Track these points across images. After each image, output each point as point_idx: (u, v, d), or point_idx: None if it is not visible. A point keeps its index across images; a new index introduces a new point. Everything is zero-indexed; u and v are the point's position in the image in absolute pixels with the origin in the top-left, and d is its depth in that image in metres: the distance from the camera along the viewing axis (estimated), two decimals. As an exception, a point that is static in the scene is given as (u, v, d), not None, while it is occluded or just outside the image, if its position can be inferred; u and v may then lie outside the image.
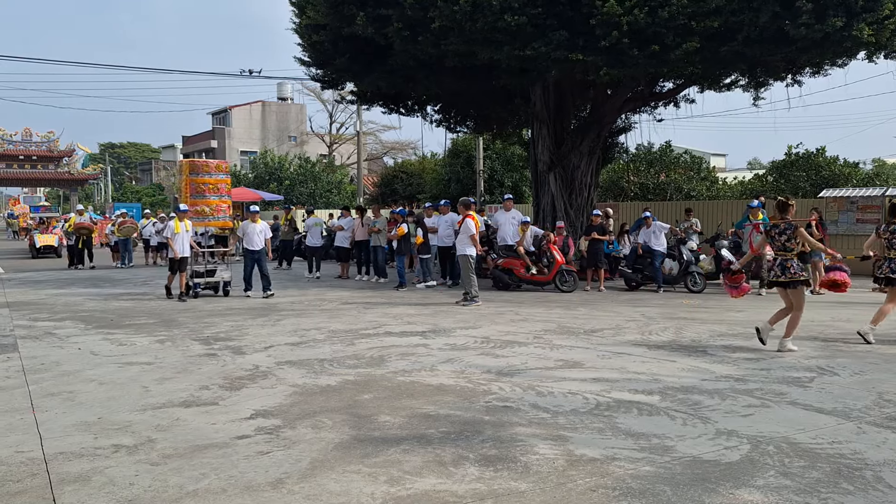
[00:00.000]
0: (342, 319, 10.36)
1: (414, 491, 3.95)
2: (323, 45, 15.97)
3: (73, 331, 9.54)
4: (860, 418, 5.25)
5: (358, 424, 5.19)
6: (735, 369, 6.91)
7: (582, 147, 17.00)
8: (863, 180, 23.20)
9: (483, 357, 7.61)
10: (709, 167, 28.50)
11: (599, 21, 12.34)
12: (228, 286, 13.68)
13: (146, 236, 23.06)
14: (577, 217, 16.83)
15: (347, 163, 50.81)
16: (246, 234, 13.41)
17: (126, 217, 23.07)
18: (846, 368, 6.91)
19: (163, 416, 5.46)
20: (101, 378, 6.74)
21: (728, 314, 10.70)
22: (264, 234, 13.51)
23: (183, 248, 12.90)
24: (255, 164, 43.64)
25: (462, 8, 12.59)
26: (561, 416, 5.33)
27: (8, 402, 5.93)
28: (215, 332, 9.38)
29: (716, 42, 12.64)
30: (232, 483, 4.09)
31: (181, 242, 12.86)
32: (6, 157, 49.88)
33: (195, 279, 13.39)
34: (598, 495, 3.87)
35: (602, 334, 9.01)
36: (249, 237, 13.37)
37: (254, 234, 13.36)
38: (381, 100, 19.49)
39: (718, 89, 17.78)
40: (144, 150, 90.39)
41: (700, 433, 4.92)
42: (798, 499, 3.80)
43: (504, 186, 29.33)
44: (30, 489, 4.06)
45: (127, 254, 21.59)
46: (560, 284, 13.89)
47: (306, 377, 6.70)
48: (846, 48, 13.05)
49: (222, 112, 59.63)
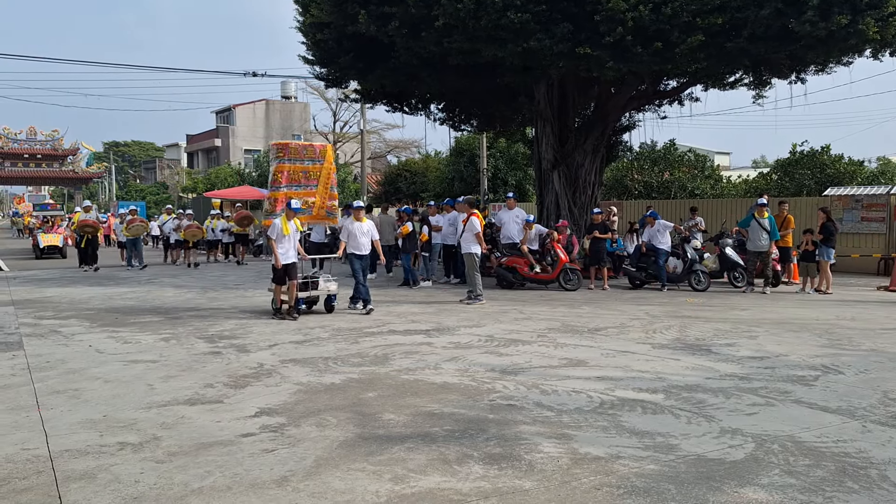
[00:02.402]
0: (346, 318, 10.37)
1: (418, 489, 3.96)
2: (327, 43, 15.96)
3: (79, 329, 9.57)
4: (865, 417, 5.24)
5: (362, 422, 5.19)
6: (739, 368, 6.90)
7: (586, 145, 16.98)
8: (867, 178, 23.15)
9: (487, 355, 7.61)
10: (713, 165, 28.43)
11: (604, 17, 12.32)
12: (333, 300, 11.11)
13: (166, 234, 21.68)
14: (581, 215, 16.81)
15: (351, 161, 50.81)
16: (351, 234, 11.21)
17: (135, 215, 20.78)
18: (851, 367, 6.89)
19: (168, 413, 5.48)
20: (106, 376, 6.76)
21: (732, 312, 10.69)
22: (371, 234, 11.30)
23: (291, 254, 10.39)
24: (259, 162, 43.68)
25: (465, 6, 12.58)
26: (565, 415, 5.33)
27: (13, 399, 5.95)
28: (220, 330, 9.39)
29: (720, 39, 12.61)
30: (237, 481, 4.10)
31: (290, 247, 10.36)
32: (11, 155, 50.02)
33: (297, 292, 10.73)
34: (603, 493, 3.87)
35: (606, 333, 9.01)
36: (355, 239, 11.20)
37: (359, 234, 11.20)
38: (384, 98, 19.47)
39: (722, 87, 17.73)
40: (148, 149, 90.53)
41: (704, 431, 4.91)
42: (803, 497, 3.80)
43: (508, 185, 29.31)
44: (35, 486, 4.07)
45: (136, 255, 19.81)
46: (564, 283, 13.88)
47: (311, 375, 6.71)
48: (851, 45, 12.99)
49: (226, 111, 59.66)
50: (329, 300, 11.07)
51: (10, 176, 51.20)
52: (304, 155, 11.29)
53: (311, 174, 11.28)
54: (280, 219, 10.36)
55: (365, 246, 11.20)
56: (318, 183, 11.34)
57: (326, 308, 11.04)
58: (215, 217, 22.84)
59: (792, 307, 11.25)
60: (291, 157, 11.16)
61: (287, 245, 10.30)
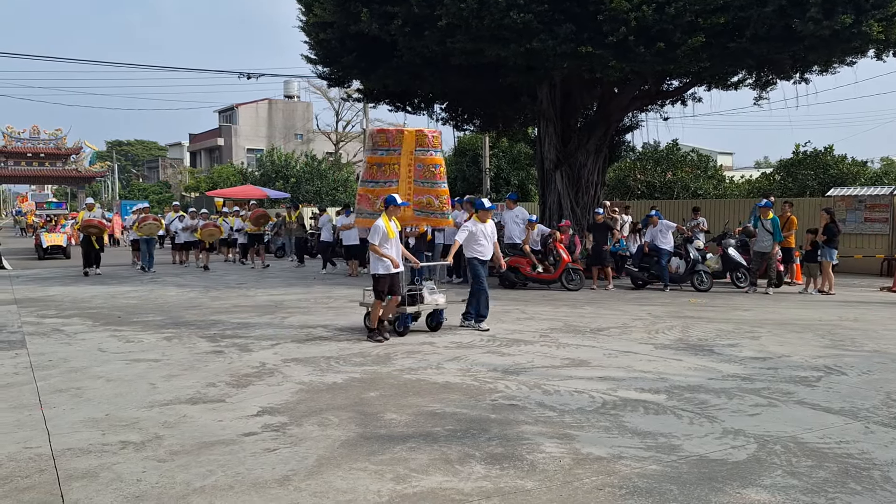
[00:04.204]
0: (348, 317, 10.37)
1: (420, 489, 3.96)
2: (330, 42, 15.98)
3: (81, 328, 9.58)
4: (868, 418, 5.23)
5: (364, 422, 5.19)
6: (742, 368, 6.89)
7: (588, 145, 16.97)
8: (871, 179, 23.12)
9: (489, 355, 7.61)
10: (716, 166, 28.42)
11: (607, 17, 12.32)
12: (441, 316, 9.35)
13: (173, 232, 20.61)
14: (583, 215, 16.81)
15: (354, 161, 50.81)
16: (474, 237, 9.50)
17: (148, 213, 19.52)
18: (854, 368, 6.88)
19: (170, 412, 5.48)
20: (108, 375, 6.77)
21: (735, 313, 10.67)
22: (493, 237, 9.74)
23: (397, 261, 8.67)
24: (262, 161, 43.72)
25: (468, 5, 12.59)
26: (567, 415, 5.33)
27: (16, 398, 5.96)
28: (222, 329, 9.40)
29: (723, 39, 12.59)
30: (239, 480, 4.10)
31: (396, 252, 8.68)
32: (14, 154, 50.10)
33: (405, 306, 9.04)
34: (605, 494, 3.86)
35: (608, 333, 9.00)
36: (477, 241, 9.51)
37: (482, 237, 9.52)
38: (387, 98, 19.48)
39: (725, 88, 17.71)
40: (151, 148, 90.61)
41: (707, 432, 4.91)
42: (805, 498, 3.79)
43: (510, 185, 29.30)
44: (38, 485, 4.08)
45: (149, 256, 18.40)
46: (566, 283, 13.87)
47: (313, 375, 6.72)
48: (855, 46, 12.97)
49: (229, 110, 59.75)
50: (435, 316, 9.29)
51: (13, 175, 51.28)
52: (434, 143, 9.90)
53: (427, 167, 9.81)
54: (382, 218, 8.58)
55: (489, 250, 9.61)
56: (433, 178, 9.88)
57: (432, 326, 9.27)
58: (230, 215, 21.74)
59: (795, 308, 11.23)
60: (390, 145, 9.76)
61: (393, 251, 8.62)
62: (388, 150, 9.78)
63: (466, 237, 9.47)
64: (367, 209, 9.70)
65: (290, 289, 14.19)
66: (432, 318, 9.31)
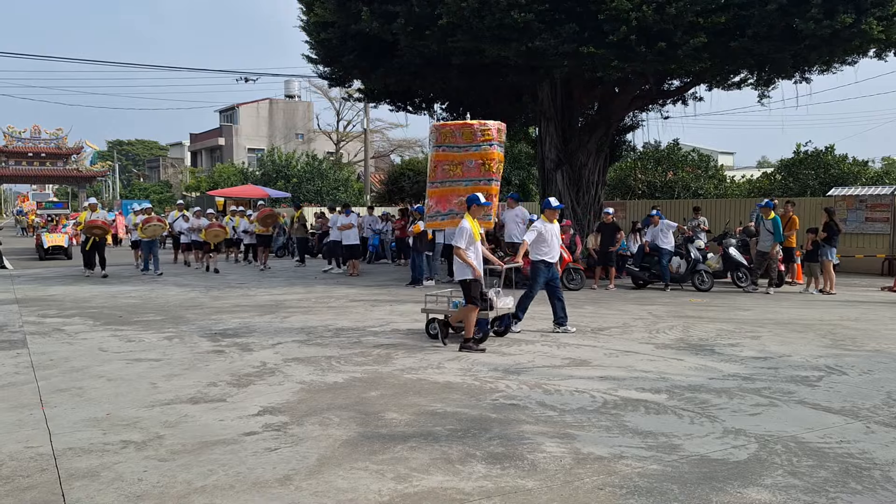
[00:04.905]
0: (349, 317, 10.38)
1: (421, 488, 3.96)
2: (331, 42, 15.98)
3: (82, 327, 9.59)
4: (869, 418, 5.23)
5: (365, 422, 5.19)
6: (743, 368, 6.89)
7: (589, 145, 16.96)
8: (872, 179, 23.09)
9: (490, 355, 7.61)
10: (717, 165, 28.40)
11: (608, 16, 12.31)
12: (509, 320, 8.93)
13: (177, 231, 19.97)
14: (584, 215, 16.80)
15: (354, 160, 50.84)
16: (542, 238, 8.97)
17: (151, 213, 18.63)
18: (854, 367, 6.87)
19: (171, 412, 5.49)
20: (109, 374, 6.77)
21: (736, 313, 10.67)
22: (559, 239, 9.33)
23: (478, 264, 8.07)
24: (263, 161, 43.74)
25: (469, 5, 12.58)
26: (568, 415, 5.33)
27: (17, 397, 5.96)
28: (223, 328, 9.40)
29: (724, 38, 12.59)
30: (240, 479, 4.11)
31: (479, 253, 8.11)
32: (15, 154, 50.19)
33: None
34: (606, 493, 3.86)
35: (609, 332, 9.00)
36: (545, 242, 9.00)
37: (552, 237, 9.05)
38: (388, 97, 19.50)
39: (727, 87, 17.70)
40: (152, 148, 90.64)
41: (708, 432, 4.91)
42: (806, 498, 3.79)
43: (511, 184, 29.28)
44: (39, 484, 4.08)
45: (153, 259, 17.65)
46: (567, 283, 13.85)
47: (313, 374, 6.72)
48: (855, 45, 12.97)
49: (230, 110, 59.74)
50: (504, 320, 8.88)
51: (14, 174, 51.38)
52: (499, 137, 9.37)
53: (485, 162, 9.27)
54: (466, 218, 8.05)
55: (556, 252, 9.13)
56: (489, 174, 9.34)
57: (500, 331, 8.81)
58: (237, 214, 21.39)
59: (795, 307, 11.22)
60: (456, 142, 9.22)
61: (477, 253, 8.06)
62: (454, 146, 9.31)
63: (535, 238, 8.95)
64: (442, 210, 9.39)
65: (291, 288, 14.19)
66: (501, 323, 8.83)
